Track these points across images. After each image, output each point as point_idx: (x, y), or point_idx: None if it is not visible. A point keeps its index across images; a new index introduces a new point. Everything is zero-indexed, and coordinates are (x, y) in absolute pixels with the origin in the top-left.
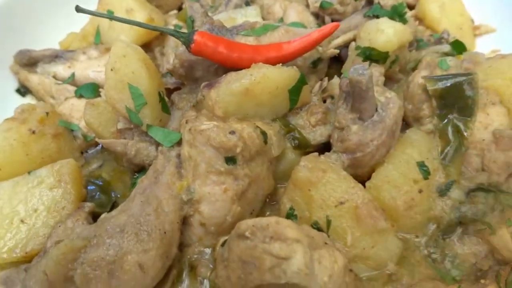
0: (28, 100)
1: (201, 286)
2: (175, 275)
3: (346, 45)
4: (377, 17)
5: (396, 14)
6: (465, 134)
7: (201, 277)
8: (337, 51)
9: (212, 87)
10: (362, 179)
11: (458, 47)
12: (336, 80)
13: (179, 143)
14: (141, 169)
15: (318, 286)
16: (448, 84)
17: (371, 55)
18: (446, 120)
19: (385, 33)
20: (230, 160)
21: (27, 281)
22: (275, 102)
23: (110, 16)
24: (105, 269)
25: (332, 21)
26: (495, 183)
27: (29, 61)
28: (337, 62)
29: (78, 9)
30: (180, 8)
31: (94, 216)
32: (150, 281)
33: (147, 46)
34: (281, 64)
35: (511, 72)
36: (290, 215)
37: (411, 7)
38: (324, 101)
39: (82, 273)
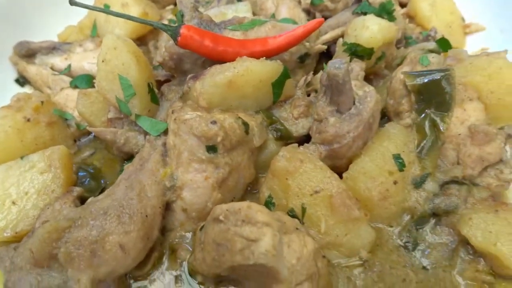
0: (27, 90)
1: (181, 268)
2: (156, 257)
3: (335, 41)
4: (365, 14)
5: (384, 12)
6: (441, 128)
7: (180, 259)
8: (325, 47)
9: (197, 79)
10: (341, 171)
11: (444, 45)
12: (320, 74)
13: (166, 132)
14: (130, 157)
15: (285, 268)
16: (426, 80)
17: (357, 51)
18: (423, 115)
19: (370, 30)
20: (211, 148)
21: (15, 258)
22: (258, 94)
23: (100, 9)
24: (87, 248)
25: (323, 17)
26: (469, 177)
27: (27, 52)
28: (327, 57)
29: (72, 3)
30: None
31: (83, 201)
32: (131, 261)
33: (141, 40)
34: (265, 58)
35: (490, 68)
36: (269, 203)
37: (403, 5)
38: (309, 95)
39: (65, 251)
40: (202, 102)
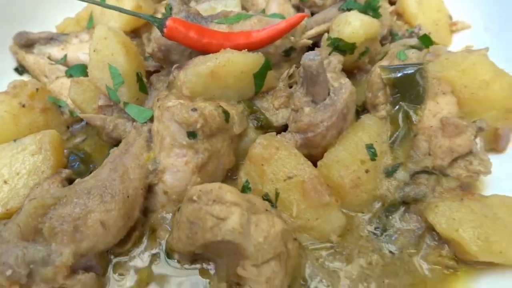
0: (25, 78)
1: (159, 247)
2: (137, 236)
3: (321, 36)
4: (351, 10)
5: (370, 8)
6: (413, 120)
7: (159, 239)
8: (310, 41)
9: (181, 69)
10: (317, 159)
11: (426, 41)
12: None
13: (152, 119)
14: (119, 143)
15: (251, 245)
16: (400, 74)
17: (339, 46)
18: (397, 107)
19: (352, 25)
20: (191, 134)
21: (3, 232)
22: (240, 85)
23: (91, 0)
24: (71, 224)
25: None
26: (439, 167)
27: (26, 42)
28: None
29: None
30: None
31: (72, 183)
32: (111, 238)
33: (135, 32)
34: (248, 50)
35: (464, 64)
36: (245, 188)
37: (392, 3)
38: (291, 87)
39: (50, 226)
40: (185, 91)
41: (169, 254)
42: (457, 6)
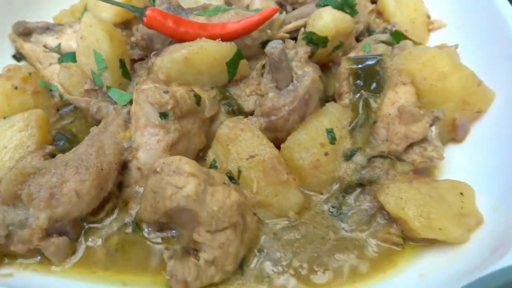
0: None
1: (130, 217)
2: (110, 207)
3: (299, 31)
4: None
5: (346, 5)
6: (372, 108)
7: (131, 210)
8: (287, 35)
9: (158, 55)
10: (282, 143)
11: (397, 37)
12: None
13: (132, 102)
14: None
15: (205, 211)
16: (361, 64)
17: (312, 39)
18: (358, 95)
19: (324, 19)
20: (163, 115)
21: None
22: (213, 72)
23: None
24: (47, 191)
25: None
26: (394, 152)
27: (24, 31)
28: None
29: None
30: None
31: None
32: (85, 206)
33: (126, 24)
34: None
35: (424, 57)
36: (212, 166)
37: (374, 1)
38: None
39: (28, 193)
40: (161, 76)
41: (138, 224)
42: (436, 5)
